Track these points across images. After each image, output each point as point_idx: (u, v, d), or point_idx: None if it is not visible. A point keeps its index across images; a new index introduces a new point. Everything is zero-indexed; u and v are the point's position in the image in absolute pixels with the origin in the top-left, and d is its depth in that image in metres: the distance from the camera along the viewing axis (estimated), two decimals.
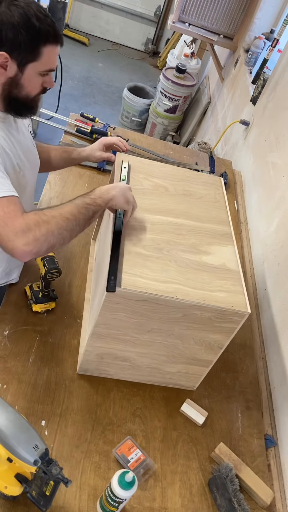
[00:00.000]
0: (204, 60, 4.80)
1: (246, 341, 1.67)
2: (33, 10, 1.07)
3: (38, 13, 1.07)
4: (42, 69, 1.13)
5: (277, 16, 3.32)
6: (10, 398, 1.25)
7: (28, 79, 1.13)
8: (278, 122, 2.20)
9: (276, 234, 1.89)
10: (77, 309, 1.52)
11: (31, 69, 1.11)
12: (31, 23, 1.06)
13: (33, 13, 1.06)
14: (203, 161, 2.47)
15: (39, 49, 1.09)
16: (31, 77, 1.13)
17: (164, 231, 1.29)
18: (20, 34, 1.05)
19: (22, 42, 1.06)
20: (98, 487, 1.16)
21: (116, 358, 1.32)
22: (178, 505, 1.20)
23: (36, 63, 1.11)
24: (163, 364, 1.35)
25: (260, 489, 1.27)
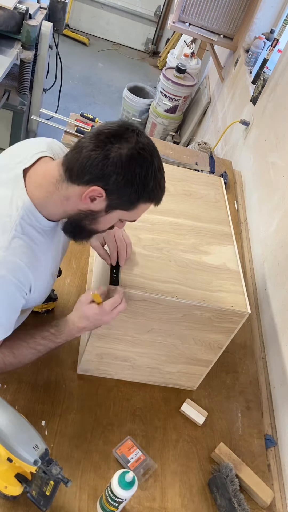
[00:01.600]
0: (204, 60, 4.80)
1: (246, 341, 1.67)
2: (155, 166, 0.96)
3: (158, 171, 0.97)
4: (127, 218, 1.04)
5: (277, 16, 3.32)
6: (10, 398, 1.25)
7: (108, 220, 1.02)
8: (278, 122, 2.20)
9: (276, 234, 1.89)
10: None
11: (117, 214, 1.01)
12: (146, 181, 0.95)
13: (153, 170, 0.95)
14: (203, 161, 2.47)
15: (138, 204, 0.99)
16: (111, 219, 1.03)
17: (164, 231, 1.29)
18: (131, 186, 0.95)
19: (127, 193, 0.96)
20: (98, 487, 1.16)
21: (116, 358, 1.32)
22: (178, 505, 1.20)
23: (125, 213, 1.01)
24: (163, 364, 1.35)
25: (260, 489, 1.27)
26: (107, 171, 0.92)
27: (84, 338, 1.41)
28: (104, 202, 0.97)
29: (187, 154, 2.51)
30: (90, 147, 0.92)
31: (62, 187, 0.97)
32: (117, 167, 0.92)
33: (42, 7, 2.87)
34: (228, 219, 1.43)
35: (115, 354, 1.30)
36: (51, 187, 0.98)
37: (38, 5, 2.80)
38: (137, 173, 0.94)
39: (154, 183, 0.97)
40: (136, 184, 0.95)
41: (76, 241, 1.09)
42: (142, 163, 0.94)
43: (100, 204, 0.98)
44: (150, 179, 0.96)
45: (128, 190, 0.95)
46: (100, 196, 0.96)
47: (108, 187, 0.94)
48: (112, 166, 0.92)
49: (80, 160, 0.93)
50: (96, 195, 0.95)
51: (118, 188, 0.95)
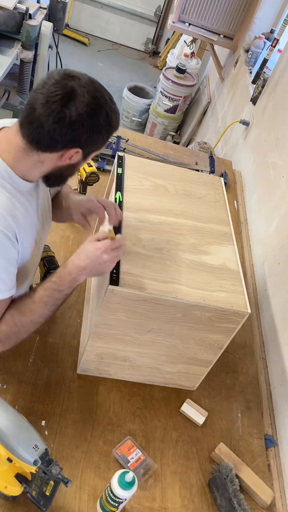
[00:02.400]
0: (204, 60, 4.80)
1: (246, 341, 1.67)
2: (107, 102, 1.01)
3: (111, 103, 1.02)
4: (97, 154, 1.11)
5: (277, 16, 3.32)
6: (10, 398, 1.25)
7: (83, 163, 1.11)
8: (278, 122, 2.20)
9: (276, 234, 1.89)
10: (77, 309, 1.52)
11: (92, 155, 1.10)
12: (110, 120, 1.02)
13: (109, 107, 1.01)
14: (203, 161, 2.47)
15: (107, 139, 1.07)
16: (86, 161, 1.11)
17: (164, 231, 1.29)
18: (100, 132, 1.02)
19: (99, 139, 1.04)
20: (98, 487, 1.16)
21: (116, 358, 1.32)
22: (178, 505, 1.20)
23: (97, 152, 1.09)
24: (163, 364, 1.35)
25: (260, 489, 1.27)
26: (76, 134, 0.98)
27: (84, 338, 1.41)
28: (81, 154, 1.04)
29: (187, 154, 2.51)
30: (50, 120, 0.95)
31: (33, 154, 1.01)
32: (83, 127, 0.98)
33: (42, 7, 2.87)
34: (228, 219, 1.43)
35: (115, 354, 1.30)
36: (18, 153, 1.01)
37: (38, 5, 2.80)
38: (101, 120, 1.00)
39: (114, 117, 1.03)
40: (104, 128, 1.02)
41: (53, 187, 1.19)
42: (100, 109, 0.99)
43: (78, 156, 1.04)
44: (111, 116, 1.02)
45: (99, 135, 1.02)
46: (77, 152, 1.02)
47: (81, 144, 1.01)
48: (79, 128, 0.98)
49: (45, 133, 0.97)
50: (73, 154, 1.02)
51: (90, 140, 1.02)
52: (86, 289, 1.58)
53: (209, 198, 1.48)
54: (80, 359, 1.36)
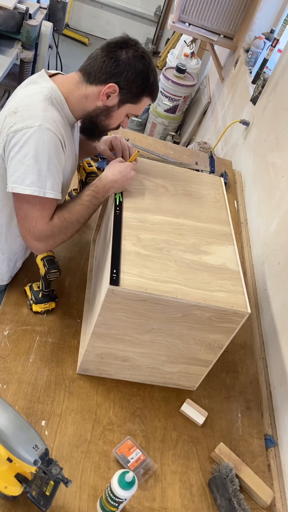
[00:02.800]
0: (204, 60, 4.80)
1: (246, 341, 1.67)
2: (152, 66, 1.26)
3: (154, 71, 1.26)
4: (133, 112, 1.31)
5: (277, 16, 3.32)
6: (10, 398, 1.25)
7: (119, 114, 1.29)
8: (278, 122, 2.20)
9: (276, 234, 1.89)
10: (77, 309, 1.52)
11: (127, 108, 1.29)
12: (148, 76, 1.25)
13: (152, 69, 1.25)
14: (203, 161, 2.47)
15: (142, 97, 1.28)
16: (121, 114, 1.30)
17: (164, 231, 1.29)
18: (137, 79, 1.23)
19: (135, 86, 1.24)
20: (98, 487, 1.16)
21: (116, 358, 1.32)
22: (178, 505, 1.20)
23: (132, 106, 1.29)
24: (163, 364, 1.35)
25: (260, 489, 1.27)
26: (119, 70, 1.21)
27: (84, 338, 1.41)
28: (117, 97, 1.25)
29: (187, 154, 2.51)
30: (103, 54, 1.23)
31: (82, 87, 1.25)
32: (126, 65, 1.21)
33: (42, 7, 2.87)
34: (228, 219, 1.43)
35: (115, 354, 1.30)
36: (71, 86, 1.25)
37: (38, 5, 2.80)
38: (142, 69, 1.23)
39: (153, 79, 1.26)
40: (142, 77, 1.23)
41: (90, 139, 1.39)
42: (144, 62, 1.23)
43: (114, 99, 1.25)
44: (150, 75, 1.25)
45: (136, 82, 1.23)
46: (114, 92, 1.23)
47: (120, 83, 1.22)
48: (123, 65, 1.21)
49: (96, 65, 1.23)
50: (111, 91, 1.23)
51: (128, 82, 1.23)
52: (86, 289, 1.58)
53: (209, 198, 1.48)
54: (80, 359, 1.36)
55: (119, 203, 1.32)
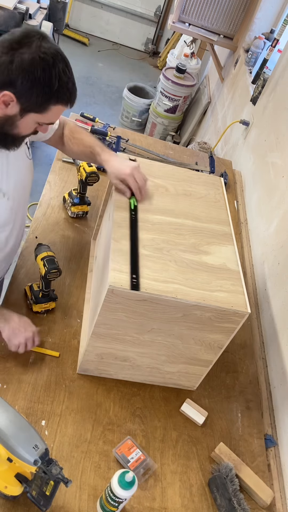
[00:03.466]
0: (204, 60, 4.80)
1: (246, 341, 1.67)
2: (58, 69, 1.05)
3: (62, 74, 1.06)
4: (42, 121, 1.15)
5: (277, 16, 3.32)
6: (10, 398, 1.25)
7: (25, 123, 1.13)
8: (278, 122, 2.20)
9: (276, 234, 1.89)
10: (77, 309, 1.52)
11: (32, 117, 1.12)
12: (50, 83, 1.05)
13: (57, 73, 1.05)
14: (203, 161, 2.47)
15: (47, 106, 1.10)
16: (28, 122, 1.13)
17: (164, 231, 1.29)
18: (35, 88, 1.05)
19: (34, 95, 1.06)
20: (98, 487, 1.16)
21: (116, 358, 1.32)
22: (178, 505, 1.20)
23: (38, 115, 1.12)
24: (163, 364, 1.35)
25: (260, 489, 1.27)
26: (12, 76, 1.03)
27: (84, 338, 1.41)
28: (17, 106, 1.08)
29: (187, 154, 2.51)
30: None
31: None
32: (21, 71, 1.02)
33: (42, 7, 2.88)
34: (228, 219, 1.43)
35: (115, 354, 1.31)
36: None
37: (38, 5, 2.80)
38: (40, 76, 1.03)
39: (59, 84, 1.06)
40: (41, 86, 1.05)
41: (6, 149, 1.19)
42: (44, 66, 1.03)
43: (14, 108, 1.08)
44: (54, 81, 1.05)
45: (35, 92, 1.05)
46: (12, 100, 1.06)
47: (16, 90, 1.04)
48: (16, 70, 1.02)
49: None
50: (7, 100, 1.05)
51: (25, 91, 1.05)
52: (86, 289, 1.58)
53: (209, 198, 1.48)
54: (80, 359, 1.36)
55: (134, 207, 1.32)
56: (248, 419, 1.46)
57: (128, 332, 1.23)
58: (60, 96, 1.09)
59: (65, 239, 1.73)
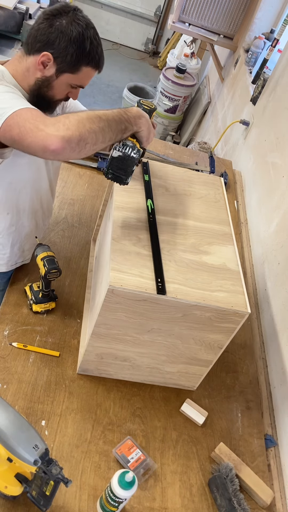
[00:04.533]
0: (204, 60, 4.80)
1: (246, 341, 1.67)
2: (90, 33, 1.18)
3: (92, 38, 1.19)
4: (74, 82, 1.24)
5: (277, 16, 3.32)
6: (10, 398, 1.25)
7: (60, 84, 1.23)
8: (278, 122, 2.20)
9: (276, 234, 1.89)
10: (77, 309, 1.52)
11: (66, 78, 1.22)
12: (83, 44, 1.18)
13: (88, 37, 1.18)
14: (203, 161, 2.47)
15: (80, 66, 1.20)
16: (62, 84, 1.23)
17: (164, 231, 1.29)
18: (71, 47, 1.17)
19: (69, 54, 1.17)
20: (98, 487, 1.16)
21: (116, 358, 1.32)
22: (178, 505, 1.20)
23: (72, 76, 1.22)
24: (163, 364, 1.35)
25: (260, 489, 1.27)
26: (51, 37, 1.16)
27: (84, 338, 1.41)
28: (54, 66, 1.19)
29: (187, 154, 2.51)
30: (39, 22, 1.17)
31: (23, 61, 1.21)
32: (59, 32, 1.16)
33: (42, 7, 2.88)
34: (228, 219, 1.43)
35: (115, 354, 1.31)
36: (16, 62, 1.22)
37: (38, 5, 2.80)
38: (75, 37, 1.16)
39: (90, 46, 1.19)
40: (76, 45, 1.17)
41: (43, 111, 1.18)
42: (79, 29, 1.17)
43: (51, 69, 1.20)
44: (86, 42, 1.18)
45: (70, 50, 1.17)
46: (49, 61, 1.18)
47: (54, 51, 1.17)
48: (55, 32, 1.16)
49: (32, 33, 1.18)
50: (46, 60, 1.18)
51: (61, 50, 1.17)
52: (86, 289, 1.58)
53: (209, 198, 1.48)
54: (80, 359, 1.36)
55: (152, 210, 1.33)
56: (248, 419, 1.46)
57: (128, 332, 1.23)
58: (91, 57, 1.20)
59: (65, 239, 1.73)
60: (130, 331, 1.23)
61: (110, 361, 1.33)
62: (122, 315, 1.17)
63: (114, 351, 1.29)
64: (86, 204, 1.92)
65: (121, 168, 1.16)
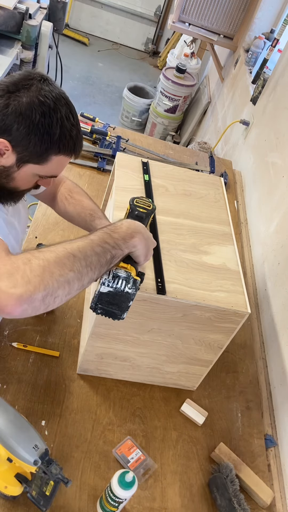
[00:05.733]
0: (204, 60, 4.80)
1: (246, 341, 1.67)
2: (60, 114, 0.93)
3: (65, 119, 0.94)
4: (42, 174, 1.01)
5: (277, 16, 3.32)
6: (10, 398, 1.25)
7: (23, 176, 1.00)
8: (278, 122, 2.20)
9: (276, 234, 1.89)
10: (77, 309, 1.52)
11: (31, 169, 0.99)
12: (50, 130, 0.93)
13: (58, 119, 0.93)
14: (203, 161, 2.47)
15: (48, 156, 0.97)
16: (26, 175, 1.00)
17: (164, 231, 1.29)
18: (33, 134, 0.93)
19: (32, 143, 0.93)
20: (98, 487, 1.16)
21: (116, 358, 1.32)
22: (178, 505, 1.20)
23: (38, 167, 0.98)
24: (163, 364, 1.35)
25: (260, 489, 1.27)
26: (8, 122, 0.91)
27: (84, 338, 1.41)
28: (13, 155, 0.95)
29: (187, 154, 2.51)
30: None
31: None
32: (16, 116, 0.91)
33: (42, 7, 2.87)
34: (228, 219, 1.43)
35: (115, 354, 1.30)
36: None
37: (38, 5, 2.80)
38: (39, 121, 0.91)
39: (60, 131, 0.94)
40: (40, 133, 0.92)
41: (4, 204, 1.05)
42: (43, 110, 0.91)
43: (10, 158, 0.96)
44: (55, 128, 0.93)
45: (32, 140, 0.93)
46: (7, 149, 0.94)
47: (11, 138, 0.92)
48: (12, 115, 0.91)
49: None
50: (2, 148, 0.94)
51: (21, 138, 0.92)
52: (86, 289, 1.58)
53: (209, 198, 1.48)
54: (80, 359, 1.36)
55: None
56: (248, 419, 1.45)
57: (128, 332, 1.23)
58: (62, 145, 0.96)
59: (65, 239, 1.73)
60: (130, 331, 1.23)
61: (110, 361, 1.33)
62: None
63: (114, 351, 1.29)
64: None
65: (113, 304, 0.94)
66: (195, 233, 1.33)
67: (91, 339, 1.25)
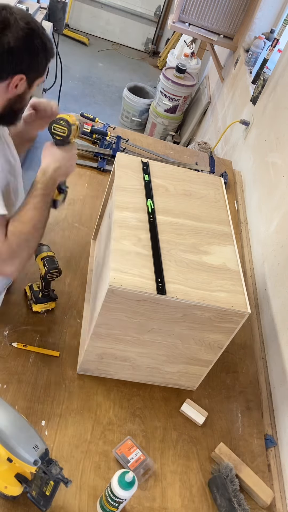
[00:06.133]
0: (204, 60, 4.80)
1: (246, 341, 1.67)
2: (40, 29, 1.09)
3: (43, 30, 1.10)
4: (41, 81, 1.17)
5: (277, 16, 3.32)
6: (10, 398, 1.25)
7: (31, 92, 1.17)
8: (278, 122, 2.20)
9: (276, 234, 1.89)
10: (77, 309, 1.52)
11: (37, 82, 1.16)
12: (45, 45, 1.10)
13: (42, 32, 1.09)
14: (203, 161, 2.47)
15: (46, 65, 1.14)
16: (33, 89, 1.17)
17: (164, 231, 1.29)
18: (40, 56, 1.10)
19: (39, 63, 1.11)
20: (98, 487, 1.16)
21: (116, 358, 1.32)
22: (178, 505, 1.20)
23: (40, 78, 1.16)
24: (163, 364, 1.35)
25: (260, 489, 1.27)
26: (15, 59, 1.05)
27: (84, 338, 1.41)
28: (25, 82, 1.11)
29: (187, 154, 2.51)
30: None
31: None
32: (21, 51, 1.05)
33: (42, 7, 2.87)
34: (228, 219, 1.43)
35: (115, 354, 1.30)
36: None
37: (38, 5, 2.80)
38: (37, 44, 1.08)
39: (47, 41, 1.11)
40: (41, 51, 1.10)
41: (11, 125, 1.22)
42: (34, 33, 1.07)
43: (23, 84, 1.11)
44: (45, 40, 1.10)
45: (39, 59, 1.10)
46: (21, 79, 1.09)
47: (23, 70, 1.08)
48: (18, 53, 1.05)
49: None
50: (18, 81, 1.09)
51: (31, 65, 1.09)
52: (86, 289, 1.58)
53: (209, 198, 1.48)
54: (80, 359, 1.36)
55: (152, 210, 1.33)
56: (248, 419, 1.45)
57: (128, 332, 1.23)
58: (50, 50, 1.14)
59: (65, 239, 1.73)
60: (130, 331, 1.23)
61: (110, 361, 1.33)
62: (122, 315, 1.17)
63: (114, 351, 1.29)
64: (86, 204, 1.92)
65: None
66: (195, 233, 1.33)
67: (92, 339, 1.25)
